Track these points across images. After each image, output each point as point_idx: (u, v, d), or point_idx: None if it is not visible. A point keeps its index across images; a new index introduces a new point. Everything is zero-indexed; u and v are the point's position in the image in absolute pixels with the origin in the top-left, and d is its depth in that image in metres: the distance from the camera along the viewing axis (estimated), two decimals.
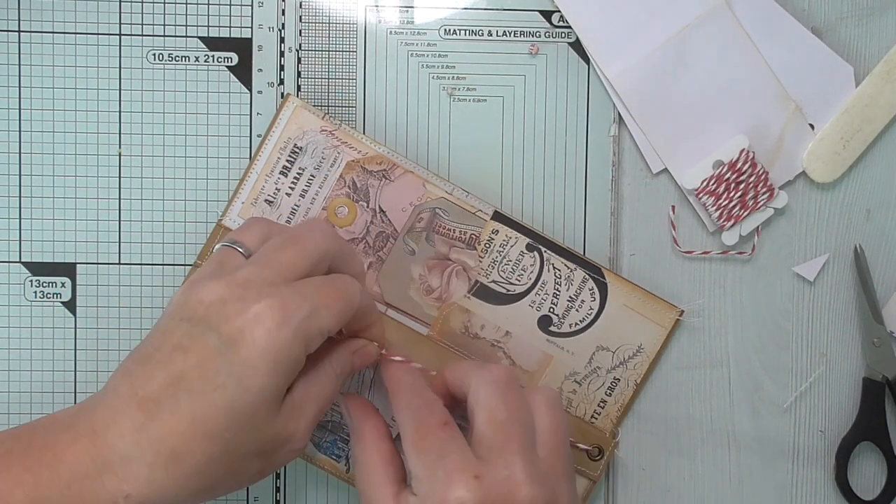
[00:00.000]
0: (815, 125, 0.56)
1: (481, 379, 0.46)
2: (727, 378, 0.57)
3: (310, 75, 0.56)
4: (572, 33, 0.56)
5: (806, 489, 0.58)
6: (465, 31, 0.56)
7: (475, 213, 0.55)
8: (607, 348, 0.55)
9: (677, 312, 0.55)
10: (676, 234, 0.57)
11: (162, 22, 0.56)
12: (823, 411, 0.58)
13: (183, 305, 0.44)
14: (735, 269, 0.57)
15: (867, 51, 0.57)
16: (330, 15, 0.56)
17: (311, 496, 0.57)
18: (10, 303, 0.56)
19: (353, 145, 0.54)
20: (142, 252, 0.56)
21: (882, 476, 0.57)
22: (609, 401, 0.55)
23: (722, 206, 0.55)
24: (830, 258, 0.57)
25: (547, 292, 0.55)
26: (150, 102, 0.56)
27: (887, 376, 0.56)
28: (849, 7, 0.57)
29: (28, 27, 0.55)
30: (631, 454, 0.57)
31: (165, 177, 0.56)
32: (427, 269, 0.55)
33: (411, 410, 0.46)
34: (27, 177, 0.56)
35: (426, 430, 0.45)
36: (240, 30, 0.56)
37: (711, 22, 0.55)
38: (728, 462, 0.57)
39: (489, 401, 0.45)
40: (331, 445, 0.55)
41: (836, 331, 0.57)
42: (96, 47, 0.55)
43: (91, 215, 0.56)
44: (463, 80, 0.56)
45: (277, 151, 0.54)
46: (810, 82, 0.56)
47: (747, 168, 0.55)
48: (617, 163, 0.57)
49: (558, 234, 0.56)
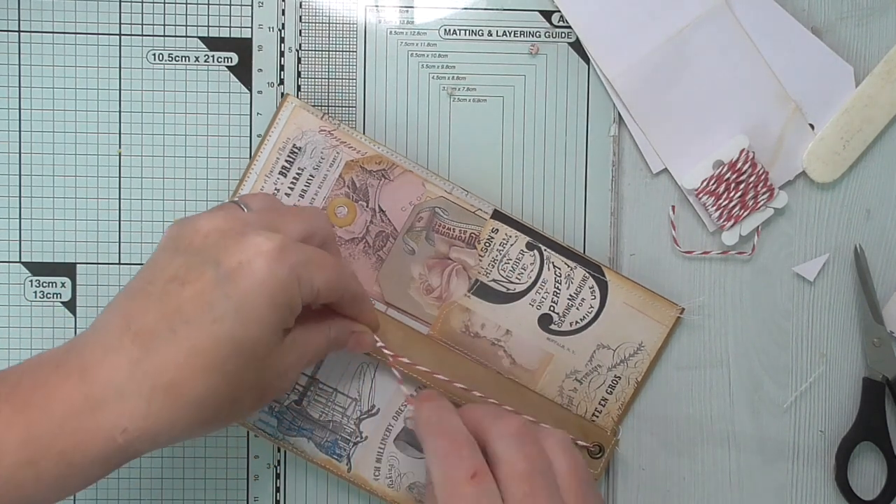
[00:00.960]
0: (815, 125, 0.56)
1: (497, 433, 0.46)
2: (727, 378, 0.57)
3: (310, 75, 0.56)
4: (572, 33, 0.56)
5: (806, 489, 0.57)
6: (465, 31, 0.56)
7: (475, 212, 0.55)
8: (608, 346, 0.55)
9: (678, 310, 0.55)
10: (676, 234, 0.57)
11: (162, 22, 0.56)
12: (823, 411, 0.57)
13: (177, 237, 0.44)
14: (735, 269, 0.57)
15: (867, 51, 0.57)
16: (330, 15, 0.56)
17: (311, 496, 0.57)
18: (10, 303, 0.56)
19: (352, 145, 0.54)
20: (142, 252, 0.56)
21: (882, 476, 0.57)
22: (610, 399, 0.55)
23: (722, 206, 0.55)
24: (830, 258, 0.57)
25: (547, 291, 0.55)
26: (150, 102, 0.56)
27: (887, 376, 0.56)
28: (849, 7, 0.57)
29: (28, 27, 0.55)
30: (631, 454, 0.57)
31: (165, 177, 0.56)
32: (427, 268, 0.55)
33: (439, 458, 0.46)
34: (27, 177, 0.56)
35: (454, 486, 0.44)
36: (240, 30, 0.56)
37: (711, 22, 0.55)
38: (728, 462, 0.57)
39: (507, 453, 0.45)
40: (332, 445, 0.55)
41: (836, 331, 0.57)
42: (96, 47, 0.55)
43: (91, 215, 0.56)
44: (463, 80, 0.56)
45: (276, 151, 0.54)
46: (810, 82, 0.56)
47: (747, 168, 0.55)
48: (617, 163, 0.57)
49: (558, 235, 0.56)
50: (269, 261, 0.42)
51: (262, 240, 0.43)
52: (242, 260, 0.42)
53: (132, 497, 0.56)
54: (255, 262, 0.42)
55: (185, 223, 0.44)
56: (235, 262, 0.42)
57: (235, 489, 0.56)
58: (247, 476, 0.56)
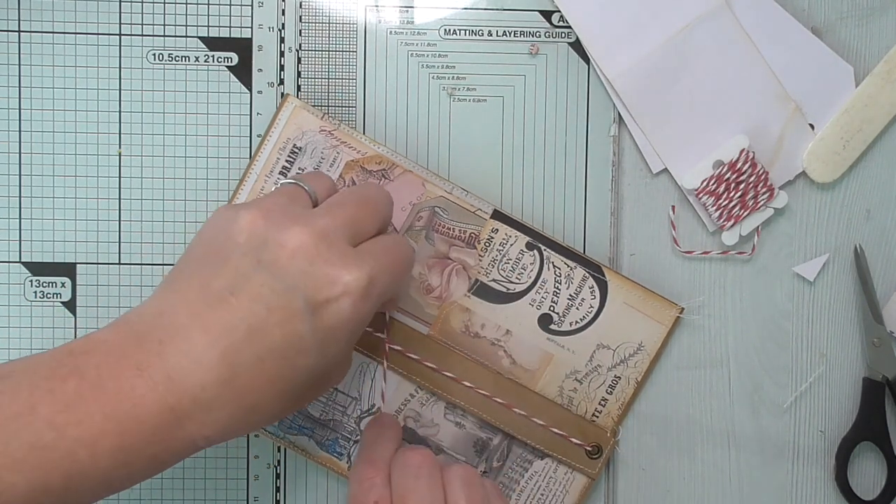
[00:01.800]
0: (815, 125, 0.56)
1: (396, 463, 0.49)
2: (727, 378, 0.57)
3: (310, 75, 0.56)
4: (572, 33, 0.56)
5: (806, 489, 0.57)
6: (465, 31, 0.56)
7: (475, 211, 0.55)
8: (608, 346, 0.55)
9: (678, 310, 0.55)
10: (676, 234, 0.57)
11: (162, 22, 0.56)
12: (823, 411, 0.57)
13: (259, 246, 0.43)
14: (735, 269, 0.57)
15: (867, 51, 0.57)
16: (330, 15, 0.56)
17: (311, 496, 0.57)
18: (10, 303, 0.56)
19: (353, 145, 0.54)
20: (142, 252, 0.56)
21: (882, 476, 0.57)
22: (610, 399, 0.55)
23: (722, 206, 0.55)
24: (830, 258, 0.57)
25: (547, 291, 0.55)
26: (150, 102, 0.56)
27: (887, 376, 0.56)
28: (849, 7, 0.57)
29: (28, 27, 0.55)
30: (631, 454, 0.57)
31: (165, 177, 0.56)
32: (427, 267, 0.55)
33: (354, 481, 0.49)
34: (27, 177, 0.56)
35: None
36: (240, 30, 0.56)
37: (711, 22, 0.55)
38: (728, 462, 0.57)
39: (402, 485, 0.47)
40: (332, 444, 0.55)
41: (836, 331, 0.57)
42: (96, 47, 0.55)
43: (91, 215, 0.56)
44: (463, 80, 0.56)
45: (277, 151, 0.54)
46: (810, 82, 0.56)
47: (747, 168, 0.55)
48: (617, 163, 0.57)
49: (558, 235, 0.56)
50: (356, 301, 0.43)
51: (351, 279, 0.43)
52: (331, 297, 0.43)
53: (132, 497, 0.56)
54: (342, 301, 0.43)
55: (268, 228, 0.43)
56: (323, 298, 0.42)
57: (235, 489, 0.56)
58: (247, 476, 0.56)
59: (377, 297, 0.44)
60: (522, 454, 0.55)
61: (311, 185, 0.48)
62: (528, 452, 0.55)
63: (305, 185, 0.48)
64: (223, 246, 0.43)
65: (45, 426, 0.39)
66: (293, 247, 0.43)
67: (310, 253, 0.43)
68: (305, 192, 0.47)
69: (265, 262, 0.42)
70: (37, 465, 0.38)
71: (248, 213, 0.44)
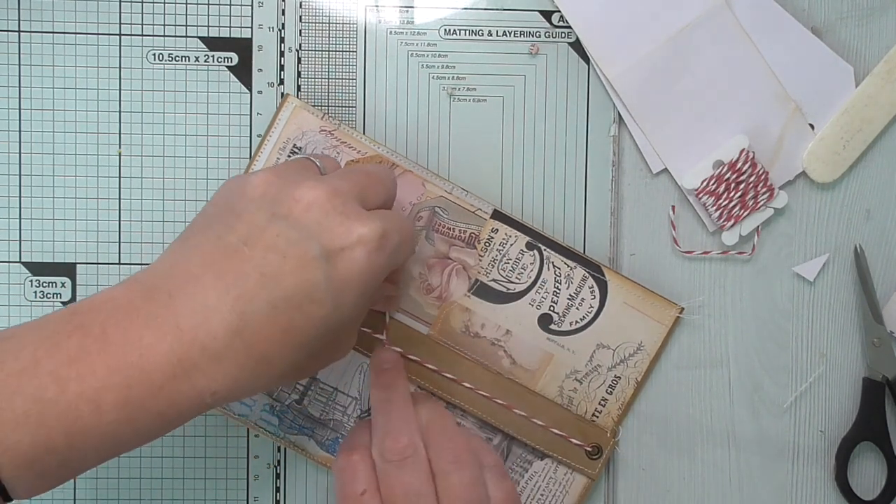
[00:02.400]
0: (815, 125, 0.56)
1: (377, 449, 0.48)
2: (727, 378, 0.57)
3: (310, 75, 0.56)
4: (572, 33, 0.56)
5: (806, 489, 0.57)
6: (465, 31, 0.56)
7: (475, 211, 0.55)
8: (608, 346, 0.55)
9: (677, 310, 0.55)
10: (676, 234, 0.57)
11: (162, 22, 0.56)
12: (823, 411, 0.57)
13: (274, 200, 0.43)
14: (735, 269, 0.57)
15: (867, 51, 0.57)
16: (330, 15, 0.56)
17: (311, 496, 0.57)
18: (10, 303, 0.56)
19: (352, 145, 0.54)
20: (142, 252, 0.56)
21: (882, 476, 0.57)
22: (610, 399, 0.55)
23: (722, 206, 0.55)
24: (830, 258, 0.57)
25: (547, 290, 0.55)
26: (150, 102, 0.56)
27: (887, 376, 0.56)
28: (849, 7, 0.57)
29: (28, 27, 0.55)
30: (631, 454, 0.57)
31: (165, 177, 0.56)
32: (427, 267, 0.55)
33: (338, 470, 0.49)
34: (27, 177, 0.56)
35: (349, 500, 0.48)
36: (240, 30, 0.56)
37: (711, 22, 0.55)
38: (728, 462, 0.57)
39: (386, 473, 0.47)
40: (332, 444, 0.55)
41: (836, 331, 0.57)
42: (96, 47, 0.55)
43: (91, 215, 0.56)
44: (463, 80, 0.56)
45: (277, 151, 0.54)
46: (810, 82, 0.56)
47: (747, 168, 0.55)
48: (617, 163, 0.57)
49: (558, 235, 0.56)
50: (370, 251, 0.43)
51: (365, 231, 0.43)
52: (345, 246, 0.42)
53: (132, 497, 0.56)
54: (357, 250, 0.43)
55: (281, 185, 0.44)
56: (338, 247, 0.42)
57: (235, 489, 0.56)
58: (247, 476, 0.56)
59: (390, 252, 0.44)
60: (522, 454, 0.55)
61: (319, 161, 0.48)
62: (528, 453, 0.55)
63: (316, 160, 0.48)
64: (237, 203, 0.44)
65: (49, 380, 0.39)
66: (308, 201, 0.43)
67: (324, 206, 0.43)
68: (314, 164, 0.48)
69: (280, 214, 0.43)
70: (40, 421, 0.38)
71: (262, 173, 0.44)
